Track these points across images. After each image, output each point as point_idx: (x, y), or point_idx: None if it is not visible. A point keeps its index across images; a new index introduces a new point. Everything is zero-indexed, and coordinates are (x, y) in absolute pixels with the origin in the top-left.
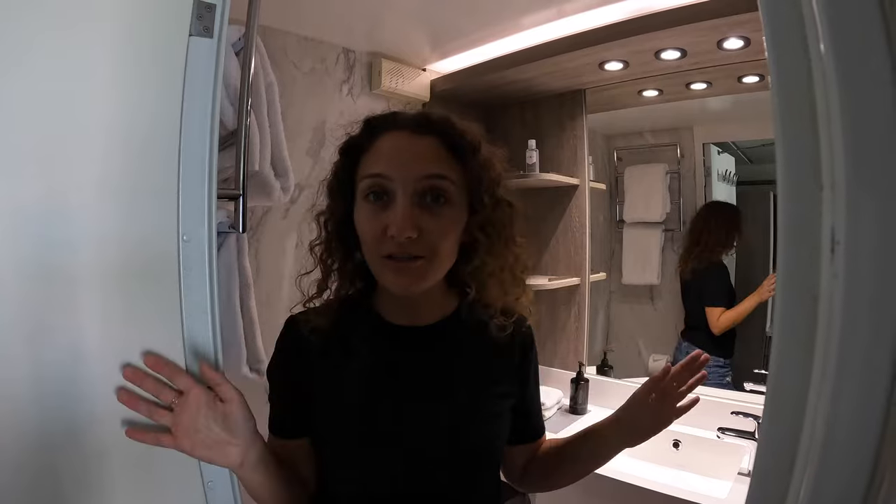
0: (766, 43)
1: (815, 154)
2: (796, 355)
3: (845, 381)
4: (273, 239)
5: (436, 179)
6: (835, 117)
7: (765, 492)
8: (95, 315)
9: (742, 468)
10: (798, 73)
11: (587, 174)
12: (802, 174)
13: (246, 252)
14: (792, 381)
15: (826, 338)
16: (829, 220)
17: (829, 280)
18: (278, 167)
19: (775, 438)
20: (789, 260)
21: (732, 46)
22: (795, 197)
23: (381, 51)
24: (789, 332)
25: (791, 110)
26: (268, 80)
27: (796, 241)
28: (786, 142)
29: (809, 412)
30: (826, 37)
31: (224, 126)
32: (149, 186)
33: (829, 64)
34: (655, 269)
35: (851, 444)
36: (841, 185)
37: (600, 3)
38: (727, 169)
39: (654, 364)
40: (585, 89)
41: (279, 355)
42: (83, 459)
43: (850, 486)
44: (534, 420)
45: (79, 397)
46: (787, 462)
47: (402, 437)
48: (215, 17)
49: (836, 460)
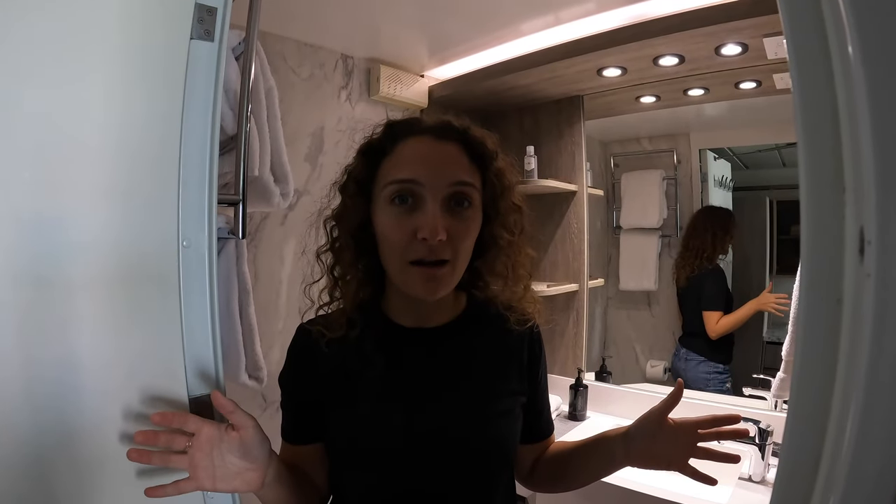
0: (787, 46)
1: (837, 156)
2: (820, 358)
3: (876, 382)
4: (271, 246)
5: (463, 186)
6: (862, 118)
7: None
8: (96, 321)
9: (742, 473)
10: (818, 74)
11: (585, 180)
12: (825, 177)
13: (245, 258)
14: (816, 383)
15: (851, 339)
16: (856, 222)
17: (859, 281)
18: (278, 173)
19: (798, 447)
20: (813, 264)
21: (730, 52)
22: (817, 201)
23: (379, 57)
24: (813, 336)
25: (813, 113)
26: (267, 86)
27: (819, 245)
28: (808, 144)
29: (834, 415)
30: (852, 37)
31: (224, 131)
32: (148, 192)
33: (855, 65)
34: (652, 275)
35: (883, 453)
36: (870, 185)
37: (598, 10)
38: (723, 175)
39: (652, 370)
40: (583, 95)
41: (290, 363)
42: (79, 469)
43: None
44: (542, 419)
45: (76, 405)
46: (810, 470)
47: (415, 438)
48: (216, 20)
49: (864, 471)
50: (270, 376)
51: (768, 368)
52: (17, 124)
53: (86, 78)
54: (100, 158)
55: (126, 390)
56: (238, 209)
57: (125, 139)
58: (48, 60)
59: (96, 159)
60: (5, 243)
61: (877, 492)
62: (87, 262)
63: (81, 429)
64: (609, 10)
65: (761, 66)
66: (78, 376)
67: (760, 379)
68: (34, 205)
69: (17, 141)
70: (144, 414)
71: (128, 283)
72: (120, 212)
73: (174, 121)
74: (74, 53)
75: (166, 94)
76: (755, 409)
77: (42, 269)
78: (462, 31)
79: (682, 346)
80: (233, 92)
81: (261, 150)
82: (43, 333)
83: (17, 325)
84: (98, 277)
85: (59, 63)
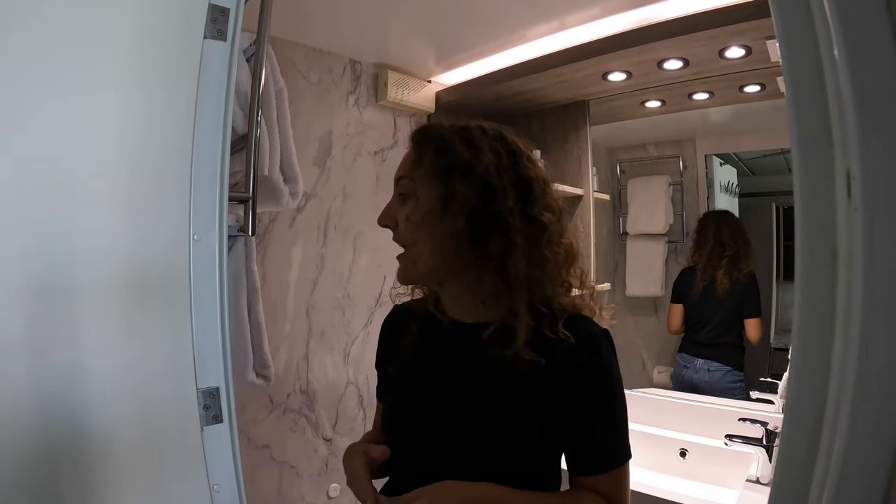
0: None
1: (825, 115)
2: (820, 306)
3: (873, 319)
4: (279, 248)
5: (401, 180)
6: (843, 79)
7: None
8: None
9: (750, 475)
10: (805, 40)
11: (591, 184)
12: (815, 135)
13: (254, 256)
14: (817, 334)
15: (847, 284)
16: (843, 167)
17: (847, 222)
18: (287, 173)
19: (802, 391)
20: (806, 216)
21: (734, 55)
22: (809, 156)
23: (387, 62)
24: (812, 287)
25: (801, 79)
26: (278, 87)
27: (812, 196)
28: (798, 107)
29: (836, 361)
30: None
31: (234, 131)
32: (160, 191)
33: (835, 29)
34: (659, 281)
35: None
36: (854, 134)
37: (602, 15)
38: (729, 180)
39: (659, 376)
40: (589, 100)
41: (380, 336)
42: (86, 464)
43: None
44: (583, 449)
45: (84, 399)
46: (816, 417)
47: (415, 422)
48: (229, 20)
49: (869, 404)
50: (276, 377)
51: (775, 374)
52: (31, 127)
53: (99, 78)
54: (113, 160)
55: (135, 387)
56: (248, 206)
57: (139, 140)
58: (61, 62)
59: (109, 162)
60: (18, 248)
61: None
62: (99, 264)
63: (90, 425)
64: (613, 15)
65: (765, 70)
66: (89, 369)
67: (768, 382)
68: (48, 209)
69: (30, 146)
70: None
71: (139, 282)
72: (133, 213)
73: (188, 117)
74: (88, 55)
75: (180, 93)
76: (763, 412)
77: (53, 272)
78: (469, 36)
79: (696, 357)
80: (244, 93)
81: (270, 150)
82: (53, 336)
83: (27, 328)
84: (109, 278)
85: (72, 65)
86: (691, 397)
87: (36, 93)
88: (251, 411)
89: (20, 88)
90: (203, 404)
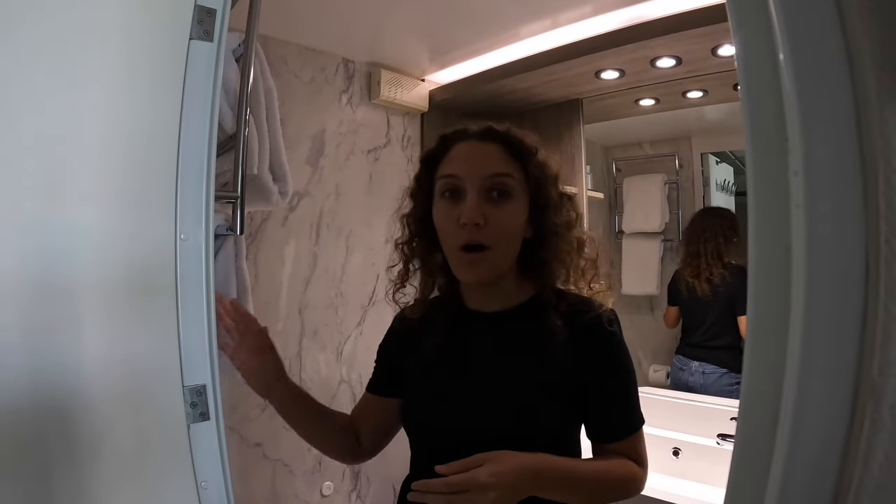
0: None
1: (779, 112)
2: (773, 295)
3: (819, 303)
4: (272, 246)
5: (499, 177)
6: (788, 86)
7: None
8: (96, 322)
9: None
10: (760, 43)
11: (585, 183)
12: (770, 130)
13: (244, 255)
14: (769, 321)
15: (798, 274)
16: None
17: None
18: (276, 172)
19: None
20: (761, 217)
21: (727, 53)
22: (763, 152)
23: (380, 61)
24: (765, 276)
25: (756, 82)
26: (267, 86)
27: (766, 198)
28: (751, 102)
29: (792, 340)
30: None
31: (223, 130)
32: (148, 190)
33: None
34: (655, 280)
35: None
36: (795, 129)
37: (594, 13)
38: (725, 179)
39: (655, 374)
40: (582, 99)
41: (386, 336)
42: (75, 461)
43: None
44: (603, 419)
45: (70, 397)
46: (775, 392)
47: (441, 411)
48: (215, 21)
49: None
50: None
51: None
52: (19, 128)
53: (86, 78)
54: (100, 160)
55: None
56: (236, 205)
57: (127, 139)
58: (49, 62)
59: (97, 161)
60: (9, 248)
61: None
62: (86, 263)
63: (78, 423)
64: (605, 13)
65: None
66: (76, 369)
67: None
68: (37, 209)
69: (20, 146)
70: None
71: (126, 281)
72: (120, 212)
73: (175, 118)
74: (75, 55)
75: (167, 93)
76: None
77: (40, 271)
78: (462, 35)
79: (692, 359)
80: (233, 92)
81: (259, 149)
82: (47, 336)
83: (19, 324)
84: (96, 277)
85: (60, 64)
86: (684, 396)
87: (23, 93)
88: (243, 410)
89: (7, 89)
90: (190, 402)
